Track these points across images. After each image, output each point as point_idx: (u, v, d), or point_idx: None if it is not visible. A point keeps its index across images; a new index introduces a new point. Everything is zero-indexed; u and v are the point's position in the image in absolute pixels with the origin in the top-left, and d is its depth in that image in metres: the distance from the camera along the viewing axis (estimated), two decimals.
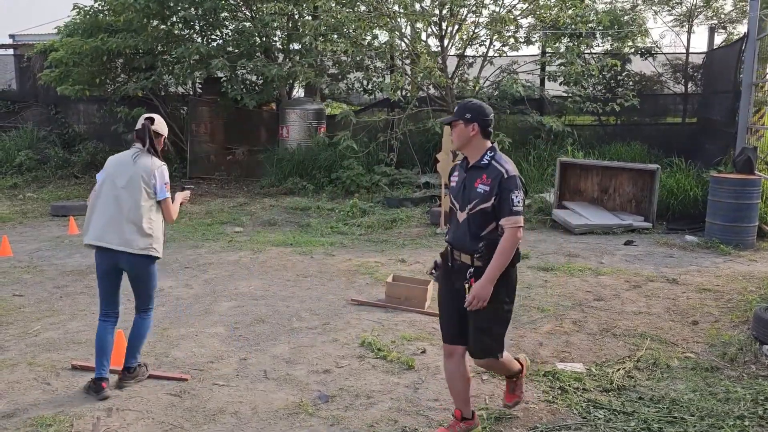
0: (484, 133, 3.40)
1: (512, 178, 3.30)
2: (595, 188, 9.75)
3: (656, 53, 12.50)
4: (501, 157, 3.40)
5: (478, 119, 3.37)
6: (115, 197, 3.99)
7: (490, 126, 3.42)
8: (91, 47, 12.05)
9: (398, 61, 12.55)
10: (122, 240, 3.96)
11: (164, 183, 4.09)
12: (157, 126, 4.15)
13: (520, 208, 3.27)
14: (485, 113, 3.40)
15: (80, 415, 3.74)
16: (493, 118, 3.43)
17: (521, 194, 3.30)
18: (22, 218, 9.93)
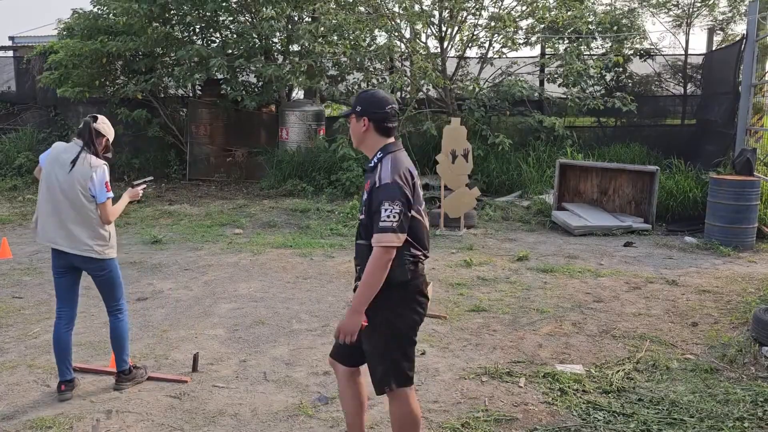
0: (379, 128, 2.93)
1: (384, 187, 2.79)
2: (594, 190, 9.76)
3: (655, 54, 12.51)
4: (390, 159, 2.89)
5: (369, 112, 2.93)
6: (57, 201, 3.94)
7: (388, 121, 2.93)
8: (90, 49, 12.06)
9: (397, 62, 12.57)
10: (70, 242, 3.94)
11: (103, 184, 3.95)
12: (99, 125, 4.02)
13: (390, 224, 2.73)
14: (378, 105, 2.94)
15: (80, 417, 3.74)
16: (391, 111, 2.94)
17: (396, 207, 2.74)
18: (22, 220, 9.93)
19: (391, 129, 2.97)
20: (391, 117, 2.95)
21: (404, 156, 2.98)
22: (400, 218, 2.75)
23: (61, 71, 12.56)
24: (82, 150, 3.94)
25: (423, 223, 2.97)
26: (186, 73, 11.97)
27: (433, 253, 7.72)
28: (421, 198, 2.99)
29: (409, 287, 2.92)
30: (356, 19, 11.39)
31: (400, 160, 2.91)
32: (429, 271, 6.98)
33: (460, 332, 5.22)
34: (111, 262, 4.02)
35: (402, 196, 2.78)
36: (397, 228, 2.74)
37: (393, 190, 2.77)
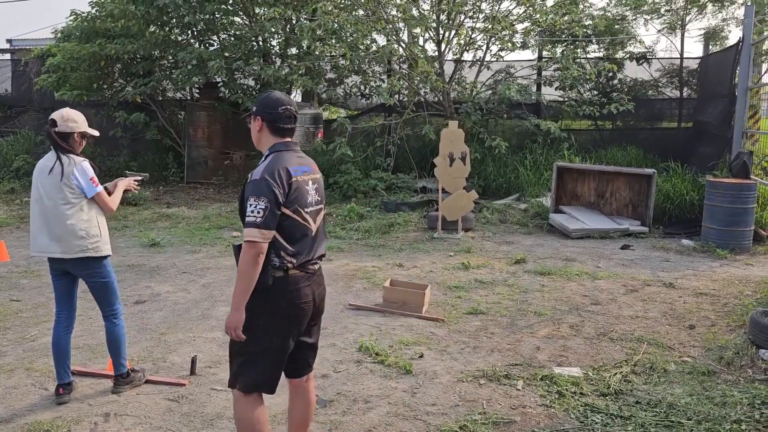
0: (272, 128, 2.97)
1: (252, 183, 2.84)
2: (591, 193, 9.78)
3: (651, 58, 12.55)
4: (271, 157, 2.93)
5: (263, 112, 2.98)
6: (43, 207, 3.94)
7: (280, 121, 2.96)
8: (88, 52, 12.08)
9: (396, 65, 12.59)
10: (63, 247, 3.93)
11: (89, 178, 3.91)
12: (61, 127, 3.90)
13: (253, 219, 2.75)
14: (272, 105, 2.97)
15: (78, 420, 3.74)
16: (285, 112, 2.96)
17: (261, 202, 2.76)
18: (20, 223, 9.91)
19: (286, 130, 2.99)
20: (284, 118, 2.97)
21: (290, 155, 2.95)
22: (265, 214, 2.75)
23: (59, 74, 12.57)
24: (58, 157, 3.92)
25: (304, 225, 2.93)
26: (185, 75, 11.97)
27: (431, 256, 7.76)
28: (307, 200, 2.95)
29: (273, 295, 2.87)
30: (355, 22, 11.42)
31: (280, 158, 2.91)
32: (427, 274, 7.00)
33: (458, 335, 5.23)
34: (105, 261, 4.02)
35: (269, 193, 2.78)
36: (260, 224, 2.75)
37: (260, 187, 2.80)
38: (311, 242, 2.98)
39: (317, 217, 3.04)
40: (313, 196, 3.01)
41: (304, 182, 2.95)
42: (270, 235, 2.80)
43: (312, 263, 2.99)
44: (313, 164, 3.11)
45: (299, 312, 2.96)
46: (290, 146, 3.00)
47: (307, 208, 2.95)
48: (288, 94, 13.92)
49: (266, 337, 2.91)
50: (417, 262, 7.52)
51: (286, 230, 2.87)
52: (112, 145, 13.68)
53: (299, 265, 2.92)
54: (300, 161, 2.98)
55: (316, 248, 3.03)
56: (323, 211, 3.11)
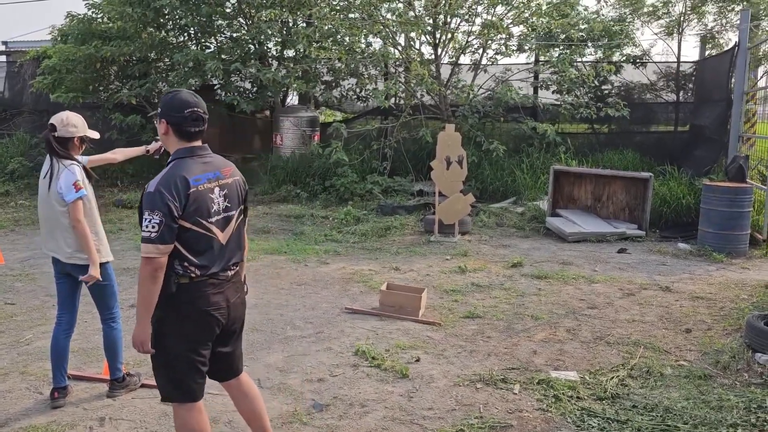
0: (178, 132, 2.82)
1: (146, 195, 2.70)
2: (588, 196, 9.79)
3: (647, 62, 12.59)
4: (170, 166, 2.79)
5: (167, 115, 2.83)
6: (44, 213, 3.97)
7: (187, 124, 2.80)
8: (84, 54, 12.06)
9: (392, 68, 12.60)
10: (59, 251, 3.93)
11: (71, 183, 3.81)
12: (60, 131, 3.86)
13: (148, 234, 2.65)
14: (177, 108, 2.81)
15: (73, 425, 3.72)
16: (192, 115, 2.80)
17: (156, 216, 2.64)
18: (14, 226, 9.88)
19: (193, 133, 2.84)
20: (191, 121, 2.81)
21: (193, 162, 2.80)
22: (160, 229, 2.64)
23: (55, 76, 12.54)
24: (52, 162, 3.90)
25: (208, 236, 2.81)
26: (181, 77, 11.95)
27: (427, 260, 7.75)
28: (211, 209, 2.81)
29: (177, 301, 2.79)
30: (351, 25, 11.43)
31: (180, 166, 2.77)
32: (424, 277, 6.99)
33: (454, 339, 5.22)
34: (106, 266, 3.99)
35: (163, 206, 2.65)
36: (155, 239, 2.65)
37: (154, 199, 2.67)
38: (219, 252, 2.86)
39: (228, 225, 2.89)
40: (220, 204, 2.86)
41: (208, 190, 2.80)
42: (167, 249, 2.70)
43: (221, 272, 2.88)
44: (226, 167, 2.94)
45: (208, 319, 2.85)
46: (195, 152, 2.84)
47: (211, 218, 2.81)
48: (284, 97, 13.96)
49: (175, 345, 2.83)
50: (413, 266, 7.51)
51: (187, 242, 2.76)
52: (108, 148, 13.42)
53: (204, 275, 2.82)
54: (204, 167, 2.83)
55: (228, 257, 2.90)
56: (238, 217, 2.97)
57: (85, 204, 3.88)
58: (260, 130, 14.01)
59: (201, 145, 2.89)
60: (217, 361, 3.03)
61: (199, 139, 2.89)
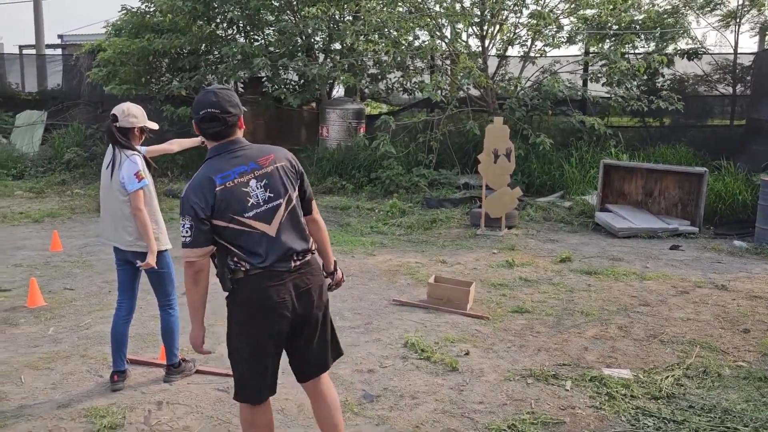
0: (201, 133, 2.80)
1: (180, 201, 2.73)
2: (639, 191, 9.57)
3: (702, 53, 12.20)
4: (202, 166, 2.77)
5: (193, 117, 2.81)
6: (106, 202, 4.07)
7: (204, 125, 2.75)
8: (137, 47, 12.34)
9: (438, 61, 12.53)
10: (116, 237, 4.03)
11: (132, 174, 3.87)
12: (122, 122, 3.93)
13: (184, 239, 2.68)
14: (195, 109, 2.77)
15: (132, 408, 3.83)
16: (206, 116, 2.72)
17: (186, 221, 2.66)
18: (71, 214, 10.20)
19: (213, 134, 2.76)
20: (206, 122, 2.73)
21: (221, 160, 2.74)
22: (192, 233, 2.65)
23: (109, 68, 12.86)
24: (114, 152, 4.00)
25: (248, 232, 2.71)
26: (230, 70, 12.13)
27: (474, 253, 7.71)
28: (246, 204, 2.71)
29: (235, 298, 2.78)
30: (398, 18, 11.40)
31: (208, 167, 2.73)
32: (471, 270, 6.96)
33: (503, 333, 5.18)
34: (164, 254, 4.09)
35: (189, 210, 2.65)
36: (189, 243, 2.66)
37: (182, 205, 2.70)
38: (271, 245, 2.74)
39: (275, 215, 2.77)
40: (259, 196, 2.75)
41: (240, 185, 2.71)
42: (203, 251, 2.70)
43: (278, 264, 2.76)
44: (264, 156, 2.81)
45: (267, 314, 2.75)
46: (225, 149, 2.77)
47: (248, 213, 2.72)
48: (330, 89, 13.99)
49: (237, 343, 2.82)
50: (460, 259, 7.48)
51: (230, 239, 2.72)
52: (159, 140, 13.81)
53: (259, 268, 2.73)
54: (235, 162, 2.73)
55: (284, 248, 2.77)
56: (288, 205, 2.81)
57: (146, 193, 3.98)
58: (306, 122, 14.12)
59: (233, 140, 2.78)
60: (295, 359, 2.98)
61: (227, 137, 2.77)
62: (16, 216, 9.84)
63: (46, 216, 9.91)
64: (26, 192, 11.91)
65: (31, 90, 17.00)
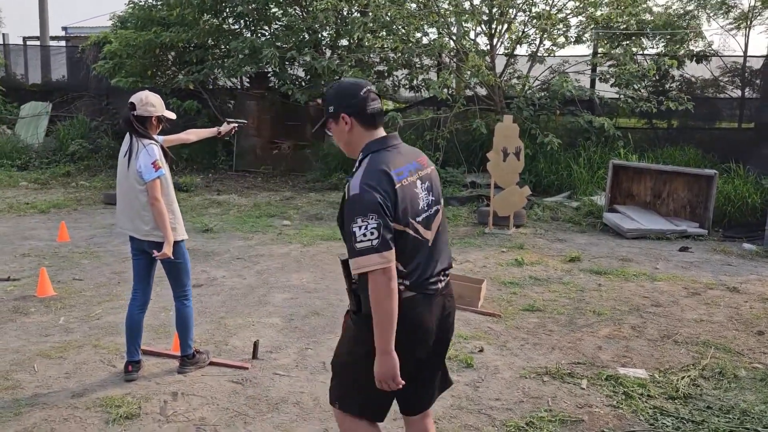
0: (362, 119, 2.41)
1: (353, 200, 2.27)
2: (648, 192, 9.55)
3: (712, 55, 12.18)
4: (366, 162, 2.36)
5: (345, 106, 2.41)
6: (123, 192, 4.02)
7: (369, 106, 2.40)
8: (144, 40, 12.30)
9: (446, 59, 12.49)
10: (133, 226, 3.99)
11: (149, 163, 3.83)
12: (140, 110, 3.87)
13: (370, 243, 2.21)
14: (351, 92, 2.41)
15: (147, 398, 3.80)
16: (370, 94, 2.41)
17: (371, 220, 2.21)
18: (77, 205, 10.16)
19: (377, 114, 2.43)
20: (371, 101, 2.40)
21: (389, 154, 2.38)
22: (380, 233, 2.21)
23: (116, 61, 12.83)
24: (131, 141, 3.96)
25: (417, 239, 2.38)
26: (236, 64, 12.09)
27: (483, 251, 7.68)
28: (418, 206, 2.40)
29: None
30: (407, 15, 11.36)
31: (377, 160, 2.34)
32: (480, 268, 6.93)
33: (516, 331, 5.16)
34: (178, 246, 4.05)
35: (377, 206, 2.23)
36: (378, 245, 2.21)
37: (363, 201, 2.23)
38: (428, 258, 2.43)
39: (433, 223, 2.46)
40: (425, 199, 2.44)
41: (412, 184, 2.39)
42: (392, 255, 2.25)
43: (431, 281, 2.43)
44: (422, 156, 2.54)
45: (415, 341, 2.41)
46: (388, 142, 2.42)
47: (419, 217, 2.39)
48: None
49: (371, 362, 2.36)
50: (469, 257, 7.45)
51: (396, 249, 2.31)
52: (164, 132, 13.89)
53: (415, 286, 2.38)
54: (403, 159, 2.41)
55: (436, 263, 2.46)
56: (441, 213, 2.53)
57: (163, 183, 3.95)
58: (313, 118, 14.06)
59: (392, 134, 2.46)
60: (409, 387, 2.44)
61: (382, 123, 2.49)
62: (22, 206, 9.80)
63: (52, 207, 9.88)
64: (31, 183, 11.88)
65: (36, 81, 16.95)
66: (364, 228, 2.21)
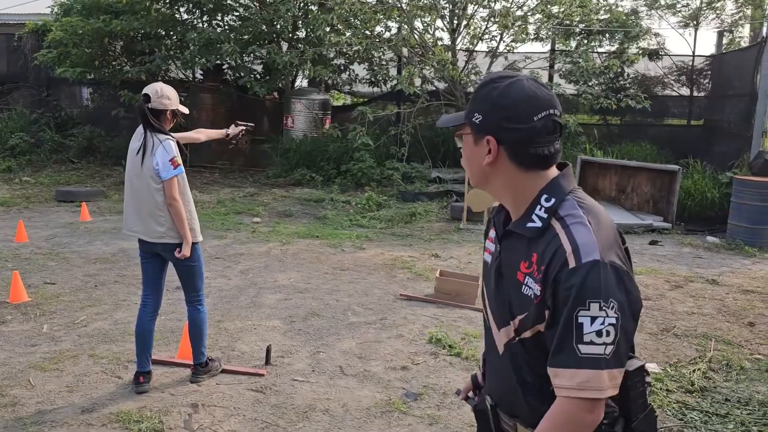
0: (519, 157, 1.51)
1: (588, 270, 1.40)
2: (613, 188, 9.78)
3: (663, 54, 12.59)
4: (581, 212, 1.49)
5: (497, 125, 1.50)
6: (133, 190, 3.76)
7: (539, 140, 1.49)
8: (93, 28, 11.65)
9: (408, 54, 12.42)
10: (147, 230, 3.74)
11: (168, 160, 3.62)
12: (155, 103, 3.66)
13: (599, 352, 1.37)
14: (515, 110, 1.48)
15: (166, 411, 3.55)
16: (548, 122, 1.48)
17: (611, 315, 1.38)
18: (27, 203, 9.55)
19: (549, 157, 1.51)
20: (545, 135, 1.49)
21: (592, 199, 1.60)
22: (616, 339, 1.38)
23: (60, 50, 12.10)
24: (145, 136, 3.70)
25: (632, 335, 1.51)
26: (194, 56, 11.63)
27: (463, 248, 7.67)
28: None
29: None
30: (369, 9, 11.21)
31: (599, 211, 1.54)
32: (466, 264, 6.91)
33: None
34: (194, 248, 3.81)
35: (621, 293, 1.41)
36: (611, 360, 1.38)
37: (606, 280, 1.39)
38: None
39: None
40: None
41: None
42: (620, 379, 1.42)
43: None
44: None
45: None
46: (574, 186, 1.58)
47: None
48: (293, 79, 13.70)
49: None
50: (452, 253, 7.42)
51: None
52: (112, 126, 13.29)
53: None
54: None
55: None
56: None
57: (180, 182, 3.70)
58: (269, 112, 13.74)
59: (568, 172, 1.58)
60: None
61: (555, 163, 1.56)
62: None
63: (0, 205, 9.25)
64: None
65: None
66: (601, 322, 1.37)
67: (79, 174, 11.90)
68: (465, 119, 1.58)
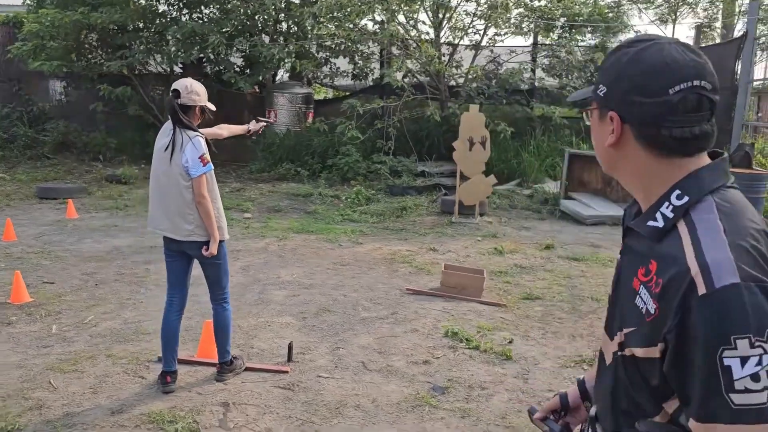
0: (650, 139, 1.21)
1: (731, 297, 1.05)
2: (599, 180, 9.93)
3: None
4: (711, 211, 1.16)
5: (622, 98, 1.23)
6: (160, 187, 3.70)
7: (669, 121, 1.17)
8: (71, 20, 11.36)
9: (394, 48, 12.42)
10: (175, 228, 3.68)
11: (197, 157, 3.57)
12: (184, 99, 3.60)
13: (761, 401, 1.04)
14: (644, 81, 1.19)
15: (197, 411, 3.51)
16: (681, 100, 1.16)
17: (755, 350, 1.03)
18: (8, 201, 9.29)
19: (691, 141, 1.20)
20: (682, 113, 1.18)
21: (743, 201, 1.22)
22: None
23: (36, 42, 11.77)
24: (174, 132, 3.63)
25: None
26: (179, 49, 11.43)
27: (459, 241, 7.72)
28: None
29: None
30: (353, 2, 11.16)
31: (737, 213, 1.18)
32: (464, 258, 6.96)
33: (527, 320, 5.21)
34: (221, 246, 3.76)
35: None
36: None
37: (756, 308, 1.06)
38: None
39: None
40: None
41: None
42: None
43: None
44: None
45: None
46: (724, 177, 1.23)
47: None
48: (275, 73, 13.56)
49: None
50: (449, 247, 7.46)
51: None
52: (89, 121, 12.99)
53: None
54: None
55: None
56: None
57: (208, 179, 3.65)
58: (251, 106, 13.58)
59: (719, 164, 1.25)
60: None
61: (702, 151, 1.24)
62: None
63: None
64: None
65: None
66: (755, 363, 1.05)
67: (56, 170, 11.61)
68: (591, 93, 1.34)
